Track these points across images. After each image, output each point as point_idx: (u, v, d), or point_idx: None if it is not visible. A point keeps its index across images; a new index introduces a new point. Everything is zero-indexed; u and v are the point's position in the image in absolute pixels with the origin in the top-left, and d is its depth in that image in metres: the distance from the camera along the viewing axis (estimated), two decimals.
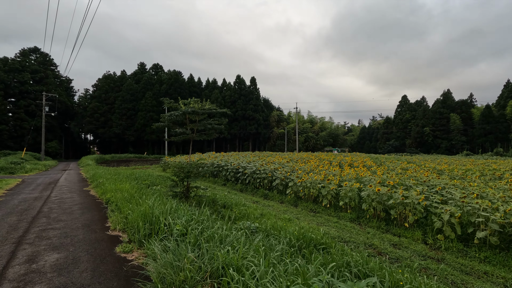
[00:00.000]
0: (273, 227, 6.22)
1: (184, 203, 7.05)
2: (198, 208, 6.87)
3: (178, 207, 4.60)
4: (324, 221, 8.78)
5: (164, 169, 24.66)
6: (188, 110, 7.19)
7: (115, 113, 62.98)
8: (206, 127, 7.42)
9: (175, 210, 4.29)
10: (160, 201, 5.17)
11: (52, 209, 6.27)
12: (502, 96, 65.35)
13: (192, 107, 7.50)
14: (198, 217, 3.92)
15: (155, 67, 74.48)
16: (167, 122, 7.66)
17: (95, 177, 12.11)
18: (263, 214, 8.27)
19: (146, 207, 4.22)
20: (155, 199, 5.32)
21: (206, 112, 7.55)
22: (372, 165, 18.78)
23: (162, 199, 5.46)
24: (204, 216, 4.11)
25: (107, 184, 8.34)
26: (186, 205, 6.75)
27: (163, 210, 4.09)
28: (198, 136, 7.97)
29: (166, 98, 7.61)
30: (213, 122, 7.61)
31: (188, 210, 4.35)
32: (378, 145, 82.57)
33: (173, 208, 4.42)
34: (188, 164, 7.25)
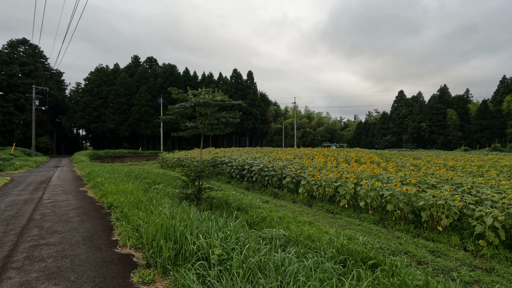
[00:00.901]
0: (301, 234, 5.46)
1: (194, 206, 6.24)
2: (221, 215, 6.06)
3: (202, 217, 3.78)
4: (346, 223, 8.08)
5: (162, 165, 23.73)
6: (200, 101, 6.33)
7: (109, 107, 61.32)
8: (220, 120, 6.58)
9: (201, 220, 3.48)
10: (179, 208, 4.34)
11: (45, 215, 5.38)
12: (498, 92, 65.62)
13: (203, 97, 6.64)
14: (233, 231, 3.11)
15: (149, 60, 72.66)
16: (176, 115, 6.78)
17: (92, 175, 11.16)
18: (282, 217, 7.51)
19: (164, 218, 3.39)
20: (171, 205, 4.49)
21: (218, 103, 6.70)
22: (379, 161, 18.17)
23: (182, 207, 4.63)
24: (239, 230, 3.30)
25: (106, 185, 7.44)
26: (205, 213, 5.95)
27: (186, 222, 3.27)
28: (209, 131, 7.12)
29: (174, 88, 6.73)
30: (227, 115, 6.76)
31: (220, 222, 3.51)
32: (374, 140, 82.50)
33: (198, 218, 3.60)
34: (200, 163, 6.41)
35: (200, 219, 3.57)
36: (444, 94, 72.19)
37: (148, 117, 60.72)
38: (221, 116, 6.70)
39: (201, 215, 3.87)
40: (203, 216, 3.74)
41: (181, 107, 6.31)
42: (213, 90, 6.92)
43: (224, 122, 6.71)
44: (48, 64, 59.41)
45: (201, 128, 6.67)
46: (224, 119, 6.64)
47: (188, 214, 3.78)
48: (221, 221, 3.47)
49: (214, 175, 6.14)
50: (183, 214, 3.79)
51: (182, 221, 3.29)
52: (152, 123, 61.11)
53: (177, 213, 3.86)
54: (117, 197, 5.91)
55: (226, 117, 6.66)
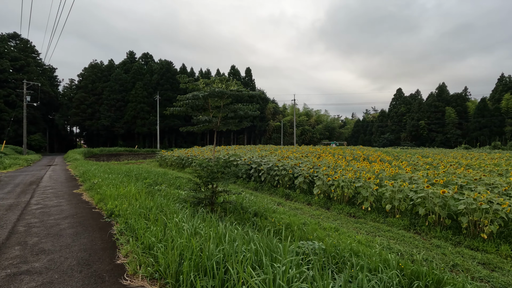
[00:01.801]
0: (338, 246, 4.59)
1: (210, 213, 5.36)
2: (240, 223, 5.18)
3: (234, 232, 2.89)
4: (373, 229, 7.26)
5: (161, 164, 22.71)
6: (215, 91, 5.41)
7: (103, 104, 59.79)
8: (237, 113, 5.67)
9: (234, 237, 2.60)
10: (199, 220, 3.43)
11: (31, 226, 4.42)
12: (496, 90, 65.58)
13: (219, 87, 5.73)
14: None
15: (145, 56, 71.15)
16: (186, 106, 5.85)
17: (87, 175, 10.16)
18: (305, 224, 6.64)
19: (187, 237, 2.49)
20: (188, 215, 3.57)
21: (234, 94, 5.79)
22: (390, 160, 17.44)
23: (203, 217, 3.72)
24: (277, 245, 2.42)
25: (105, 187, 6.49)
26: (237, 227, 5.05)
27: (221, 244, 2.38)
28: (223, 125, 6.22)
29: (184, 76, 5.80)
30: (245, 108, 5.85)
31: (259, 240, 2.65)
32: (372, 138, 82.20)
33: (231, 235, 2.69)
34: (215, 163, 5.50)
35: (233, 235, 2.68)
36: (442, 92, 72.02)
37: (144, 114, 59.38)
38: (238, 108, 5.79)
39: (230, 228, 2.99)
40: (235, 231, 2.86)
41: (194, 97, 5.38)
42: (227, 79, 6.00)
43: (241, 115, 5.79)
44: (40, 59, 57.65)
45: (215, 122, 5.75)
46: (242, 112, 5.73)
47: (215, 229, 2.89)
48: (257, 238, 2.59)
49: (231, 177, 5.23)
50: (208, 228, 2.90)
51: (211, 241, 2.40)
52: (148, 120, 59.77)
53: (199, 227, 2.98)
54: (118, 203, 4.99)
55: (245, 110, 5.75)
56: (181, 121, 62.93)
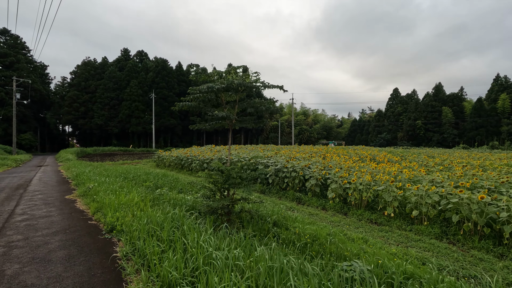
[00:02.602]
0: (387, 267, 3.84)
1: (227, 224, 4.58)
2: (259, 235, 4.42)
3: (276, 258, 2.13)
4: (402, 238, 6.57)
5: (158, 164, 21.79)
6: (233, 82, 4.63)
7: (97, 102, 58.34)
8: (259, 109, 4.90)
9: None
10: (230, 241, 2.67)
11: (12, 247, 3.53)
12: (492, 90, 65.95)
13: (238, 79, 4.95)
14: None
15: (139, 54, 69.73)
16: (198, 100, 5.06)
17: (81, 178, 9.24)
18: (331, 234, 5.89)
19: (230, 279, 1.75)
20: (226, 240, 2.79)
21: (257, 86, 5.02)
22: (397, 160, 16.84)
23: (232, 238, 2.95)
24: None
25: (102, 194, 5.64)
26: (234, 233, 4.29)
27: None
28: (239, 123, 5.44)
29: (196, 64, 4.98)
30: (265, 102, 5.08)
31: None
32: (369, 138, 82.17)
33: None
34: (232, 166, 4.72)
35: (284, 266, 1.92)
36: (439, 92, 72.20)
37: (139, 113, 58.11)
38: (259, 103, 5.01)
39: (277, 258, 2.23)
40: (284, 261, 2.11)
41: (209, 89, 4.59)
42: (244, 69, 5.18)
43: (263, 110, 5.03)
44: (31, 56, 55.91)
45: (232, 118, 4.97)
46: (264, 107, 4.96)
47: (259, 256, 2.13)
48: None
49: (253, 183, 4.45)
50: (246, 256, 2.15)
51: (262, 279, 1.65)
52: (143, 119, 58.52)
53: (232, 251, 2.22)
54: (120, 215, 4.18)
55: (266, 105, 4.97)
56: (177, 120, 61.80)
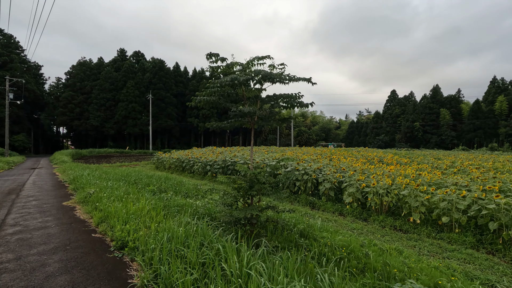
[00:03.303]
0: None
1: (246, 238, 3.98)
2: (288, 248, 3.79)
3: None
4: (434, 248, 6.01)
5: (158, 166, 21.06)
6: (260, 73, 4.04)
7: (92, 103, 57.26)
8: (291, 103, 4.31)
9: None
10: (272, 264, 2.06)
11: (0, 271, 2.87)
12: (489, 92, 66.23)
13: (263, 70, 4.37)
14: None
15: (136, 54, 68.76)
16: (218, 95, 4.45)
17: (79, 182, 8.51)
18: (364, 245, 5.29)
19: None
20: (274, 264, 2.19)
21: (283, 78, 4.45)
22: (406, 162, 16.36)
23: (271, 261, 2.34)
24: None
25: (105, 200, 4.97)
26: None
27: None
28: (263, 121, 4.85)
29: (216, 54, 4.41)
30: (293, 96, 4.50)
31: None
32: (367, 139, 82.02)
33: None
34: (259, 170, 4.11)
35: None
36: (436, 94, 72.34)
37: (136, 114, 57.16)
38: (288, 97, 4.43)
39: None
40: None
41: (232, 80, 3.98)
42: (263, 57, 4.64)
43: (295, 105, 4.45)
44: (25, 56, 54.73)
45: (258, 114, 4.36)
46: (295, 103, 4.36)
47: None
48: None
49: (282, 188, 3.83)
50: None
51: None
52: (140, 120, 57.57)
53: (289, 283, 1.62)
54: (130, 228, 3.53)
55: (297, 100, 4.38)
56: (174, 121, 60.97)
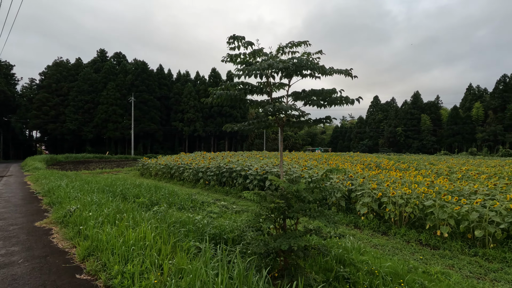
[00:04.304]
0: None
1: None
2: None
3: None
4: (475, 267, 5.33)
5: (143, 173, 19.61)
6: (301, 62, 3.18)
7: (70, 106, 54.17)
8: (334, 101, 3.46)
9: None
10: None
11: None
12: (466, 99, 69.15)
13: (298, 58, 3.51)
14: None
15: (117, 56, 66.19)
16: (243, 89, 3.54)
17: (56, 194, 7.16)
18: (411, 271, 4.48)
19: None
20: None
21: (322, 70, 3.62)
22: (405, 167, 16.00)
23: None
24: None
25: (92, 223, 3.82)
26: None
27: None
28: (295, 123, 3.98)
29: (241, 37, 3.48)
30: (330, 91, 3.67)
31: None
32: (351, 144, 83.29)
33: None
34: (301, 185, 3.22)
35: None
36: (417, 100, 74.70)
37: (117, 118, 54.59)
38: (329, 93, 3.58)
39: None
40: None
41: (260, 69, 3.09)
42: (298, 43, 3.81)
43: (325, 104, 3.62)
44: None
45: (296, 111, 3.49)
46: (337, 101, 3.52)
47: None
48: None
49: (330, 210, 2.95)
50: None
51: None
52: (121, 124, 55.01)
53: None
54: (135, 269, 2.52)
55: (340, 99, 3.54)
56: (157, 125, 58.87)
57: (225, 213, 8.43)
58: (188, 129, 59.50)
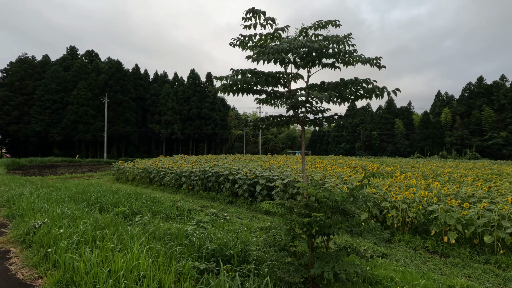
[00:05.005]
0: None
1: None
2: None
3: None
4: (491, 277, 5.06)
5: (118, 178, 18.20)
6: (338, 44, 2.61)
7: (35, 105, 50.28)
8: (370, 93, 2.92)
9: None
10: None
11: None
12: (435, 105, 73.09)
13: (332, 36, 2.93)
14: None
15: (89, 54, 62.76)
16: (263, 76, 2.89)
17: (16, 205, 5.96)
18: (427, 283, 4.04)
19: None
20: None
21: (361, 59, 3.08)
22: (392, 170, 16.06)
23: None
24: None
25: (64, 244, 2.94)
26: None
27: None
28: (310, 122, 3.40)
29: (262, 11, 2.82)
30: (361, 81, 3.14)
31: None
32: (329, 148, 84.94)
33: None
34: (344, 195, 2.63)
35: None
36: (391, 105, 77.75)
37: (88, 119, 51.43)
38: (360, 83, 3.04)
39: None
40: None
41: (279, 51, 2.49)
42: (325, 24, 3.25)
43: (369, 93, 3.09)
44: None
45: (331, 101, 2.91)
46: (372, 92, 2.99)
47: None
48: None
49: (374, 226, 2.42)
50: None
51: None
52: (93, 126, 51.89)
53: None
54: None
55: (378, 90, 3.01)
56: (133, 127, 56.26)
57: (216, 221, 7.68)
58: (166, 132, 57.45)
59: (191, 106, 60.20)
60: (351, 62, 3.39)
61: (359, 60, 3.28)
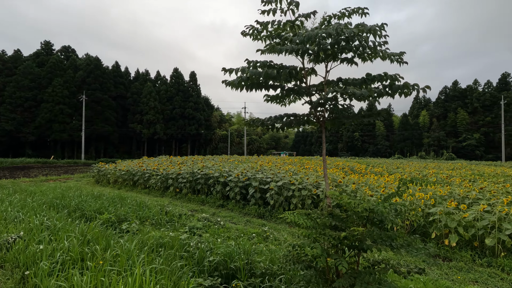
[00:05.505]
0: None
1: None
2: None
3: None
4: (498, 281, 4.99)
5: (98, 180, 17.22)
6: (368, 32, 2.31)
7: (5, 103, 47.16)
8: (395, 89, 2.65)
9: None
10: None
11: None
12: (414, 107, 75.82)
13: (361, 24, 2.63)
14: None
15: (65, 49, 59.86)
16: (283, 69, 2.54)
17: None
18: None
19: None
20: None
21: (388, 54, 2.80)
22: (380, 171, 16.21)
23: None
24: None
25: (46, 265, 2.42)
26: None
27: None
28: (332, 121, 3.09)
29: None
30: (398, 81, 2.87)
31: None
32: (312, 148, 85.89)
33: None
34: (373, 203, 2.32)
35: None
36: (372, 107, 79.81)
37: (64, 118, 48.89)
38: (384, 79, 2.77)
39: None
40: None
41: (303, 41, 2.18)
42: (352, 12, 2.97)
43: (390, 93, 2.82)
44: None
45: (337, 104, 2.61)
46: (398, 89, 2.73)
47: None
48: None
49: None
50: None
51: None
52: (70, 125, 49.40)
53: None
54: None
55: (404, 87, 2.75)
56: (113, 127, 54.13)
57: (210, 227, 7.25)
58: (148, 132, 55.75)
59: (174, 106, 58.80)
60: (370, 57, 3.12)
61: (379, 55, 3.01)
